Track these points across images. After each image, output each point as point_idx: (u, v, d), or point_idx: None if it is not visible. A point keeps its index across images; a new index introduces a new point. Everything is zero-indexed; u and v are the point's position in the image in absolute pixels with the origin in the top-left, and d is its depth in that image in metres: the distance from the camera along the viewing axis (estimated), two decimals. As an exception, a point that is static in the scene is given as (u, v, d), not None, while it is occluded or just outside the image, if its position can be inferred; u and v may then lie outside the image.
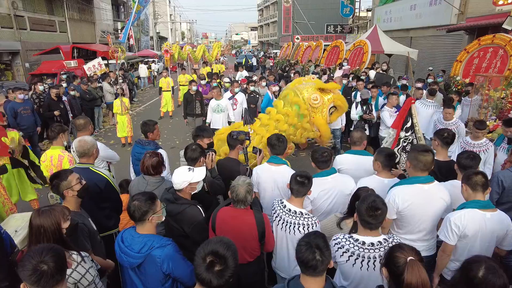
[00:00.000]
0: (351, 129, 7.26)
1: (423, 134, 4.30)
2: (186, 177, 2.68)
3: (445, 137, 3.59)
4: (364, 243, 2.20)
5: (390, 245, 2.19)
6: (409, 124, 3.83)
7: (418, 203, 2.70)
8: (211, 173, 3.23)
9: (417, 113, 4.09)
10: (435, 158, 3.47)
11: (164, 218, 2.41)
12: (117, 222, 3.39)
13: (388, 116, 6.21)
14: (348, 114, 7.26)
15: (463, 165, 2.98)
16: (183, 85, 12.84)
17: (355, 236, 2.26)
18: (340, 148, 7.31)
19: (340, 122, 7.22)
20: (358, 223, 2.27)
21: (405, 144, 3.89)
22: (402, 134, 3.83)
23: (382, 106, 6.74)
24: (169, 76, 12.33)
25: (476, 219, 2.50)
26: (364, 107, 6.85)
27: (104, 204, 3.17)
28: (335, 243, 2.27)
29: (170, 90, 11.87)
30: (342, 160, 3.71)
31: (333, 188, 3.10)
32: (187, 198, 2.74)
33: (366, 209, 2.18)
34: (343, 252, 2.23)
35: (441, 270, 2.74)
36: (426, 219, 2.75)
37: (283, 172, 3.26)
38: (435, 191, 2.75)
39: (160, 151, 3.74)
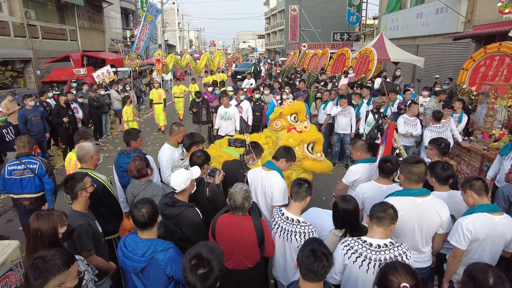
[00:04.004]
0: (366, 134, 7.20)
1: None
2: (188, 175, 2.77)
3: (443, 147, 3.64)
4: (371, 244, 2.24)
5: (396, 248, 2.23)
6: (397, 151, 3.84)
7: (410, 215, 2.66)
8: (218, 187, 3.28)
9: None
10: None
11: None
12: (116, 228, 3.45)
13: (402, 123, 6.22)
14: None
15: (442, 177, 2.99)
16: (178, 97, 12.43)
17: (363, 237, 2.30)
18: (349, 154, 7.34)
19: (349, 128, 7.33)
20: (369, 222, 2.32)
21: None
22: None
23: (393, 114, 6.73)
24: (160, 87, 11.47)
25: (487, 223, 2.54)
26: (376, 116, 6.81)
27: (101, 209, 3.25)
28: (345, 246, 2.30)
29: (161, 103, 11.05)
30: (358, 170, 3.70)
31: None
32: (184, 201, 2.81)
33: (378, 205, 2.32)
34: (352, 254, 2.25)
35: (451, 276, 2.73)
36: (418, 233, 2.71)
37: (270, 177, 3.29)
38: (429, 205, 2.69)
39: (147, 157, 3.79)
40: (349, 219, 2.56)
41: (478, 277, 1.74)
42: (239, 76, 24.46)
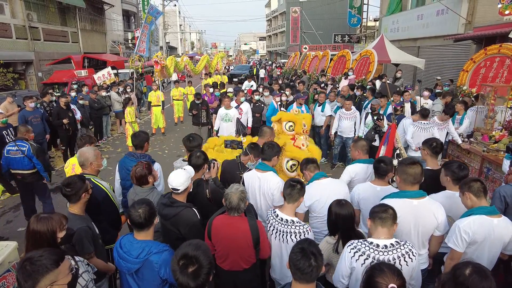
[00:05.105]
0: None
1: None
2: (187, 174, 2.79)
3: (434, 146, 3.64)
4: (378, 245, 2.24)
5: (402, 247, 2.23)
6: (398, 151, 3.86)
7: (406, 217, 2.65)
8: (215, 182, 3.28)
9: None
10: (427, 167, 3.52)
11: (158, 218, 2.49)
12: (113, 238, 3.36)
13: (409, 124, 6.16)
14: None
15: (459, 176, 2.96)
16: (177, 100, 12.33)
17: (369, 239, 2.30)
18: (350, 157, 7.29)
19: (353, 131, 7.23)
20: (371, 225, 2.31)
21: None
22: (395, 162, 3.83)
23: (389, 116, 6.70)
24: (159, 89, 11.26)
25: (484, 225, 2.52)
26: (375, 117, 6.77)
27: (101, 217, 3.17)
28: (351, 249, 2.29)
29: (160, 105, 10.84)
30: (354, 169, 3.70)
31: (328, 189, 3.14)
32: (182, 201, 2.81)
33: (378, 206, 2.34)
34: (359, 256, 2.24)
35: None
36: (415, 235, 2.70)
37: (268, 179, 3.30)
38: (425, 207, 2.68)
39: (155, 165, 3.69)
40: (340, 224, 2.55)
41: (457, 267, 1.79)
42: (235, 79, 24.32)
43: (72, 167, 4.04)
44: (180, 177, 2.74)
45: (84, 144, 3.94)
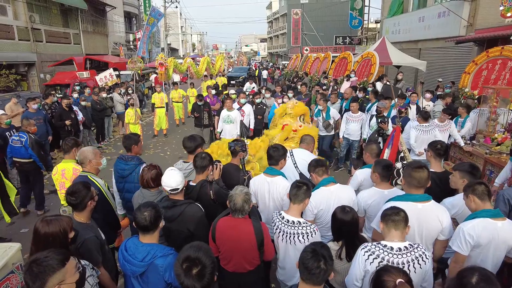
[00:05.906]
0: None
1: None
2: (180, 172, 2.84)
3: (438, 148, 3.64)
4: (392, 248, 2.23)
5: (416, 250, 2.24)
6: (402, 154, 3.87)
7: (410, 220, 2.57)
8: (218, 183, 3.28)
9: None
10: (431, 170, 3.49)
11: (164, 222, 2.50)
12: (112, 239, 3.32)
13: (412, 128, 6.15)
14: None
15: (477, 177, 2.95)
16: (177, 102, 12.36)
17: (383, 242, 2.29)
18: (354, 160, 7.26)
19: (359, 134, 7.16)
20: (384, 227, 2.31)
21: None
22: (399, 165, 3.82)
23: (393, 118, 6.68)
24: (163, 91, 11.38)
25: (489, 228, 2.51)
26: (380, 119, 6.74)
27: (96, 215, 3.04)
28: (365, 251, 2.28)
29: (164, 107, 11.02)
30: (362, 174, 3.67)
31: (334, 198, 3.09)
32: (182, 199, 2.84)
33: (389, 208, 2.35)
34: (373, 259, 2.23)
35: None
36: (418, 239, 2.69)
37: (278, 183, 3.28)
38: (430, 210, 2.66)
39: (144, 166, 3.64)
40: (344, 231, 2.55)
41: (463, 274, 1.78)
42: (233, 82, 24.09)
43: (61, 173, 3.98)
44: (177, 177, 2.76)
45: (70, 148, 3.97)
